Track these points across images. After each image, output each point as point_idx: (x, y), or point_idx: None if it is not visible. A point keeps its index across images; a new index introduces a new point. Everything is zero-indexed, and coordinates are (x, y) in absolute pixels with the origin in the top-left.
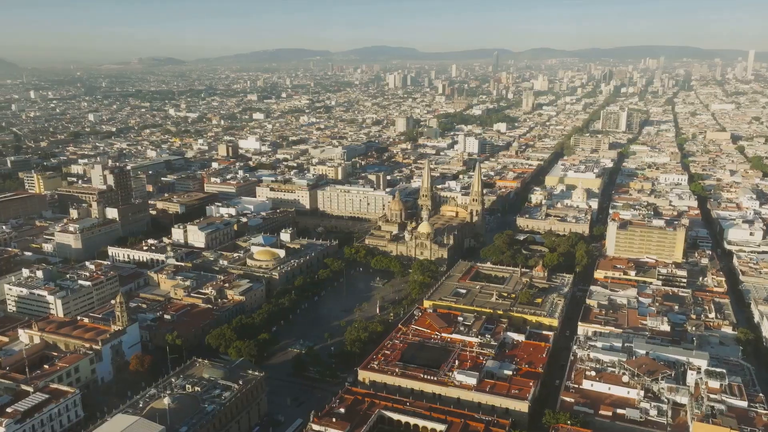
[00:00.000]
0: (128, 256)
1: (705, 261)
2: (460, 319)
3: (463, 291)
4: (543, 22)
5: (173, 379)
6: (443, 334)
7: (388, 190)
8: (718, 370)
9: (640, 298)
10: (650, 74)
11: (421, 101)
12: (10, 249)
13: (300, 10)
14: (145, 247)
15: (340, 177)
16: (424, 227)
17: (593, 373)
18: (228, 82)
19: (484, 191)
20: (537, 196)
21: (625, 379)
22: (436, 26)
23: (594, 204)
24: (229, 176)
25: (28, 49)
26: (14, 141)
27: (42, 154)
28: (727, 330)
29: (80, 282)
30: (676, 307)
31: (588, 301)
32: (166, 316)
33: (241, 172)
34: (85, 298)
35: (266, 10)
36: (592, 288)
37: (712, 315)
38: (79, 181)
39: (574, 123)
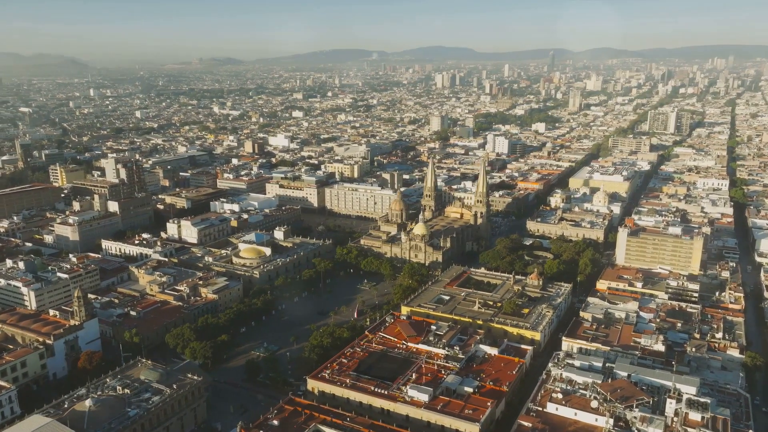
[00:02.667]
0: (119, 249)
1: (726, 274)
2: (434, 327)
3: (447, 297)
4: (604, 21)
5: (108, 380)
6: (410, 344)
7: (403, 189)
8: (703, 399)
9: (641, 313)
10: (716, 75)
11: (465, 101)
12: (13, 239)
13: (358, 10)
14: (136, 241)
15: (356, 175)
16: (419, 229)
17: (560, 396)
18: (279, 81)
19: (500, 193)
20: (556, 199)
21: (594, 404)
22: (494, 26)
23: (616, 209)
24: (243, 173)
25: (100, 51)
26: (61, 135)
27: (80, 148)
28: (734, 353)
29: (59, 274)
30: (679, 324)
31: (582, 313)
32: (132, 313)
33: (255, 169)
34: (62, 290)
35: (325, 11)
36: (590, 299)
37: (720, 335)
38: (96, 175)
39: (620, 124)
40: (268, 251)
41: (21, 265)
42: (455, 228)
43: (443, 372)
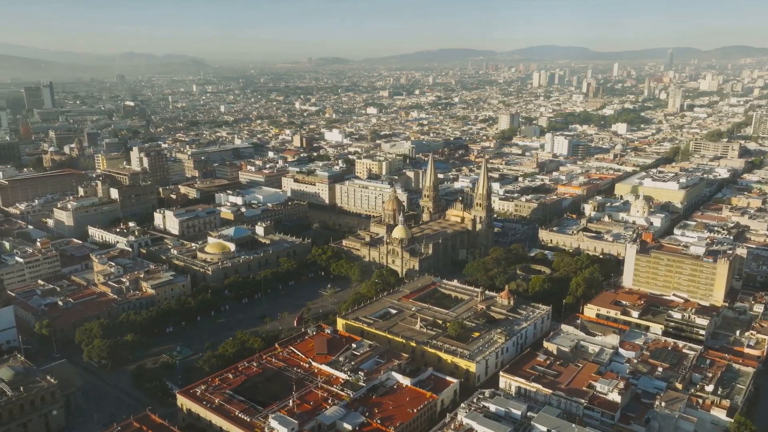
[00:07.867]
0: (101, 237)
1: (759, 308)
2: (354, 346)
3: (394, 312)
4: (739, 16)
5: None
6: (314, 363)
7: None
8: None
9: (621, 350)
10: None
11: (555, 100)
12: (21, 222)
13: (470, 10)
14: (117, 230)
15: (384, 172)
16: (398, 232)
17: None
18: (375, 79)
19: (528, 197)
20: (590, 207)
21: None
22: (612, 24)
23: (657, 221)
24: (268, 165)
25: (222, 52)
26: (142, 127)
27: (146, 138)
28: (719, 414)
29: (16, 258)
30: (660, 369)
31: (545, 344)
32: (60, 303)
33: (280, 162)
34: (16, 275)
35: (438, 10)
36: (563, 327)
37: (710, 387)
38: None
39: (719, 126)
40: (232, 247)
41: None
42: (447, 233)
43: (329, 401)
